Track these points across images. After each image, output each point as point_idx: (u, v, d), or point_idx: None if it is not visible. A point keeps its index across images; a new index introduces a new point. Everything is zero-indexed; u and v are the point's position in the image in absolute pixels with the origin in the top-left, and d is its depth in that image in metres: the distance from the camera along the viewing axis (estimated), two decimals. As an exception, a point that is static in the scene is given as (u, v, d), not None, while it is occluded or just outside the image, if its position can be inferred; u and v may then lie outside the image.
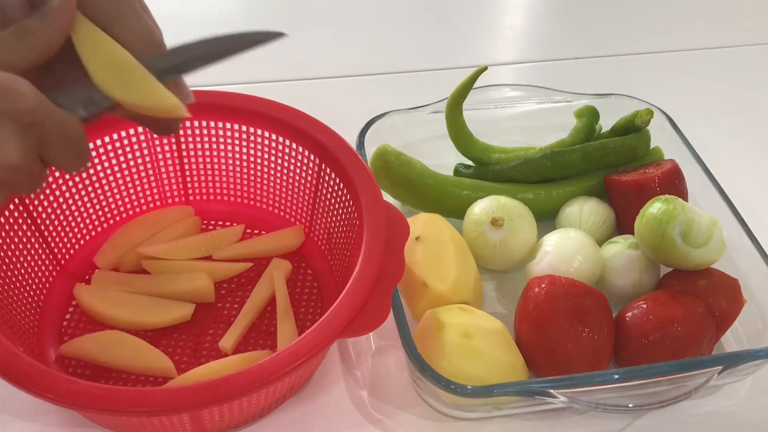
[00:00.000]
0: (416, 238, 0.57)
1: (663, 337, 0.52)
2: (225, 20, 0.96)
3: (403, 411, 0.54)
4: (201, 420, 0.48)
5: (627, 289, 0.59)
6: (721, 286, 0.56)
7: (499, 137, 0.71)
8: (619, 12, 1.02)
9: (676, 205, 0.55)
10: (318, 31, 0.95)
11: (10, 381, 0.42)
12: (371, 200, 0.54)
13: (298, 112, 0.59)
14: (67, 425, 0.52)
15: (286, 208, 0.65)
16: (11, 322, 0.50)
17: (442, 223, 0.60)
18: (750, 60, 0.94)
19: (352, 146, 0.58)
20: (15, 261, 0.54)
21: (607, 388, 0.50)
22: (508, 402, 0.52)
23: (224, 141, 0.62)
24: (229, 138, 0.62)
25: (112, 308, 0.56)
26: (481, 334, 0.52)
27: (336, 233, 0.59)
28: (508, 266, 0.62)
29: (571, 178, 0.67)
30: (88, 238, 0.61)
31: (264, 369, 0.43)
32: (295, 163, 0.61)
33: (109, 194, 0.61)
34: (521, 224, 0.60)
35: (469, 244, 0.61)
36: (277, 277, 0.60)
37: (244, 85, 0.81)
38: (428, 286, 0.55)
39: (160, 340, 0.56)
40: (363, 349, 0.58)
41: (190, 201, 0.66)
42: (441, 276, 0.56)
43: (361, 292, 0.48)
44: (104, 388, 0.42)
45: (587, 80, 0.88)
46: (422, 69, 0.89)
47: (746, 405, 0.56)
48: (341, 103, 0.82)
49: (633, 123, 0.67)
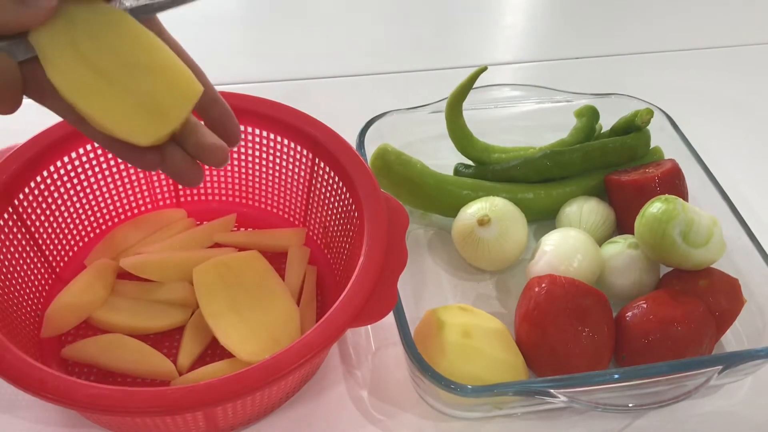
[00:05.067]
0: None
1: (663, 337, 0.52)
2: (225, 19, 0.96)
3: (403, 411, 0.54)
4: (215, 418, 0.48)
5: (627, 289, 0.59)
6: (721, 285, 0.56)
7: (499, 137, 0.71)
8: (619, 12, 1.02)
9: (676, 205, 0.55)
10: (318, 31, 0.95)
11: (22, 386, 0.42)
12: (369, 192, 0.54)
13: (290, 108, 0.59)
14: (67, 425, 0.52)
15: (279, 205, 0.65)
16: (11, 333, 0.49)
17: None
18: (750, 60, 0.94)
19: (352, 144, 0.58)
20: (11, 270, 0.53)
21: (607, 387, 0.50)
22: (508, 402, 0.52)
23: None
24: (219, 136, 0.62)
25: (110, 314, 0.56)
26: (481, 333, 0.52)
27: (332, 226, 0.60)
28: (499, 266, 0.63)
29: (571, 178, 0.67)
30: (81, 244, 0.61)
31: (279, 362, 0.44)
32: (288, 159, 0.61)
33: (101, 198, 0.61)
34: (511, 224, 0.61)
35: (458, 243, 0.62)
36: (300, 264, 0.60)
37: (243, 85, 0.81)
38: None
39: (163, 343, 0.56)
40: (363, 349, 0.58)
41: (182, 203, 0.65)
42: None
43: (369, 282, 0.48)
44: (120, 390, 0.42)
45: (587, 80, 0.88)
46: (422, 69, 0.89)
47: (746, 405, 0.56)
48: (341, 103, 0.82)
49: (633, 123, 0.67)
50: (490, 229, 0.60)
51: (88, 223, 0.61)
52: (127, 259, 0.58)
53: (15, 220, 0.54)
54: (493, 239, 0.60)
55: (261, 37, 0.94)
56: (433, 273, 0.64)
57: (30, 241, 0.56)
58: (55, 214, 0.58)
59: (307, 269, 0.61)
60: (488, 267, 0.63)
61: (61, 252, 0.60)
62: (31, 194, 0.55)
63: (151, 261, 0.58)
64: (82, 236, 0.61)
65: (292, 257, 0.61)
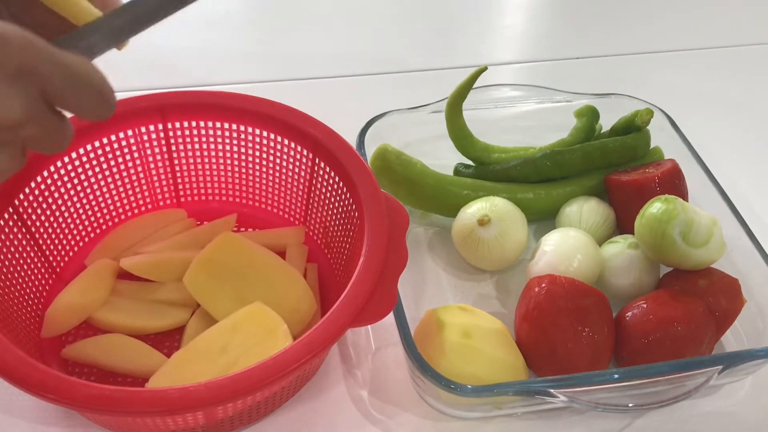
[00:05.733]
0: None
1: (663, 337, 0.52)
2: (225, 19, 0.96)
3: (403, 411, 0.54)
4: (215, 418, 0.48)
5: (627, 289, 0.59)
6: (721, 285, 0.56)
7: (499, 137, 0.71)
8: (619, 12, 1.02)
9: (676, 205, 0.55)
10: (318, 31, 0.95)
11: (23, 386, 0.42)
12: (370, 192, 0.54)
13: (289, 108, 0.59)
14: (68, 425, 0.52)
15: (279, 205, 0.65)
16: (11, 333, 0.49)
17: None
18: (750, 60, 0.94)
19: (352, 144, 0.58)
20: (11, 270, 0.53)
21: (607, 387, 0.50)
22: (508, 402, 0.52)
23: (214, 140, 0.62)
24: (219, 137, 0.62)
25: (110, 314, 0.56)
26: (481, 333, 0.52)
27: (332, 227, 0.60)
28: (499, 266, 0.63)
29: (571, 178, 0.67)
30: (82, 244, 0.61)
31: (279, 362, 0.44)
32: (288, 159, 0.61)
33: (101, 199, 0.61)
34: (511, 224, 0.61)
35: (458, 243, 0.62)
36: (299, 262, 0.60)
37: (244, 85, 0.81)
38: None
39: (163, 343, 0.56)
40: (363, 348, 0.58)
41: (182, 203, 0.65)
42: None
43: (369, 282, 0.48)
44: (120, 390, 0.42)
45: (587, 80, 0.88)
46: (422, 69, 0.89)
47: (746, 405, 0.56)
48: (341, 103, 0.82)
49: (633, 123, 0.67)
50: (490, 229, 0.60)
51: (88, 223, 0.61)
52: (127, 259, 0.58)
53: (15, 220, 0.54)
54: (493, 239, 0.60)
55: (261, 37, 0.94)
56: (433, 273, 0.64)
57: (30, 241, 0.56)
58: (55, 214, 0.58)
59: (308, 267, 0.61)
60: (488, 267, 0.63)
61: (61, 252, 0.59)
62: (31, 194, 0.55)
63: (151, 261, 0.58)
64: (82, 236, 0.61)
65: (290, 256, 0.61)
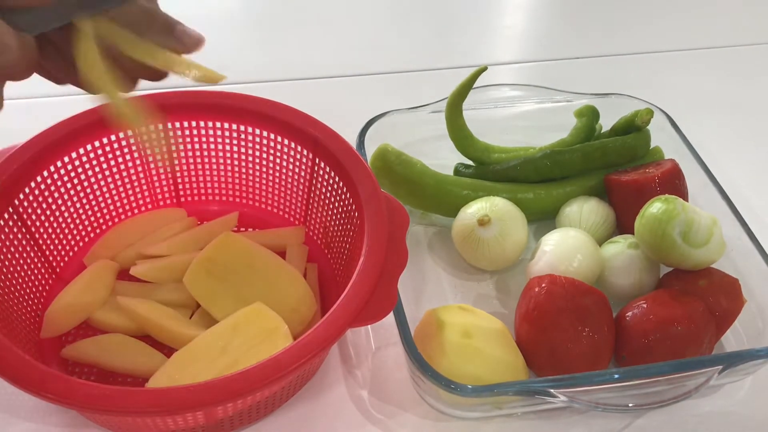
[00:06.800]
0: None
1: (663, 337, 0.52)
2: (225, 19, 0.97)
3: (403, 411, 0.54)
4: (215, 418, 0.48)
5: (627, 289, 0.59)
6: (721, 285, 0.56)
7: (499, 137, 0.71)
8: (619, 12, 1.02)
9: (676, 205, 0.55)
10: (318, 31, 0.95)
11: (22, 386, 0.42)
12: (370, 192, 0.54)
13: (289, 108, 0.59)
14: (67, 425, 0.52)
15: (279, 205, 0.65)
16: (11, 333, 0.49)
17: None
18: (750, 60, 0.94)
19: (352, 144, 0.58)
20: (11, 270, 0.53)
21: (607, 387, 0.50)
22: (508, 402, 0.52)
23: (214, 140, 0.62)
24: (219, 137, 0.62)
25: (110, 314, 0.56)
26: (481, 333, 0.52)
27: (333, 227, 0.60)
28: (499, 266, 0.63)
29: (571, 178, 0.67)
30: (82, 244, 0.61)
31: (279, 362, 0.44)
32: (288, 159, 0.61)
33: (101, 199, 0.61)
34: (511, 224, 0.61)
35: (458, 243, 0.62)
36: (299, 262, 0.60)
37: (244, 84, 0.81)
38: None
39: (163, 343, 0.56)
40: (363, 349, 0.58)
41: (182, 203, 0.65)
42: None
43: (369, 282, 0.48)
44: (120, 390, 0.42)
45: (587, 80, 0.88)
46: (422, 69, 0.89)
47: (746, 405, 0.56)
48: (341, 103, 0.82)
49: (633, 123, 0.67)
50: (490, 229, 0.60)
51: (88, 223, 0.61)
52: (136, 267, 0.58)
53: (15, 220, 0.54)
54: (493, 239, 0.60)
55: (261, 37, 0.94)
56: (433, 273, 0.64)
57: (30, 241, 0.56)
58: (55, 214, 0.58)
59: (308, 267, 0.61)
60: (488, 267, 0.63)
61: (61, 252, 0.59)
62: (31, 194, 0.55)
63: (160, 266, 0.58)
64: (82, 236, 0.61)
65: (290, 256, 0.61)
